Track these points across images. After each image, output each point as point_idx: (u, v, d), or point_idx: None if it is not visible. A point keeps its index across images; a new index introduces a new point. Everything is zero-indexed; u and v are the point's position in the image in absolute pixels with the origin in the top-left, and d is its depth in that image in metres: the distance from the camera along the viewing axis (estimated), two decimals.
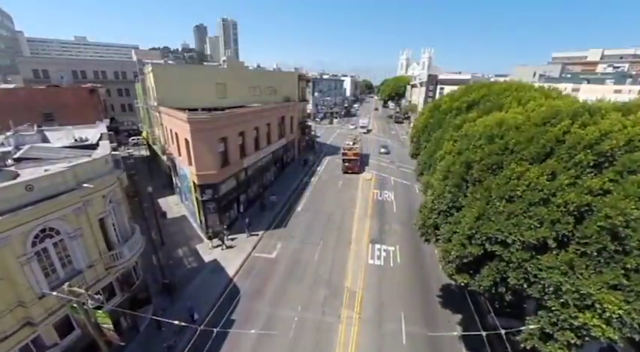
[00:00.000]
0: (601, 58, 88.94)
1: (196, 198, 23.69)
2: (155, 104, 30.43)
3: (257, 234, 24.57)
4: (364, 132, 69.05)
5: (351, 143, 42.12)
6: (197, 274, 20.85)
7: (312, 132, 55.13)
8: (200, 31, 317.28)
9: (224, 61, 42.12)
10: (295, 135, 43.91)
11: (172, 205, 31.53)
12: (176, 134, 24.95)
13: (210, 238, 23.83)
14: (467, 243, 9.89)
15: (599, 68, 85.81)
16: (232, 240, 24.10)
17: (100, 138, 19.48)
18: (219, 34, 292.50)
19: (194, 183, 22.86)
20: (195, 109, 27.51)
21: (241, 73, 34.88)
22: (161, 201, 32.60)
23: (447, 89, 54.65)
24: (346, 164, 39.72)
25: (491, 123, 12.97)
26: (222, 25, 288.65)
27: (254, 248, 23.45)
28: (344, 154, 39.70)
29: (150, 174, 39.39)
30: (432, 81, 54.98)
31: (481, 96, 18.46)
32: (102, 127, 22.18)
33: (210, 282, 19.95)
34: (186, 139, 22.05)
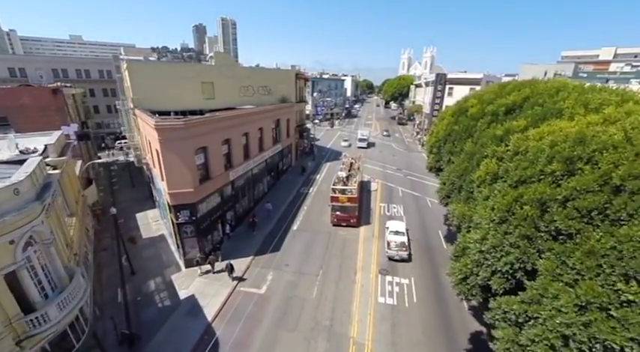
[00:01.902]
0: (614, 57, 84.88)
1: (171, 220, 19.82)
2: (131, 106, 26.52)
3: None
4: (364, 147, 51.85)
5: (343, 174, 27.39)
6: (168, 316, 16.91)
7: (311, 136, 51.30)
8: (199, 30, 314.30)
9: (211, 57, 38.18)
10: (292, 139, 40.01)
11: (151, 221, 27.64)
12: (149, 142, 21.08)
13: (197, 263, 20.06)
14: (559, 345, 6.05)
15: (612, 67, 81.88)
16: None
17: (44, 151, 15.60)
18: (218, 34, 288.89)
19: (167, 202, 18.99)
20: (180, 112, 23.76)
21: (232, 70, 30.96)
22: (139, 216, 28.74)
23: (457, 89, 50.77)
24: (337, 213, 24.70)
25: (560, 139, 9.07)
26: (221, 24, 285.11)
27: (239, 280, 19.54)
28: (333, 199, 24.42)
29: (131, 183, 35.58)
30: (441, 80, 51.00)
31: (523, 99, 14.55)
32: (55, 136, 18.23)
33: (184, 329, 16.03)
34: (156, 150, 18.18)
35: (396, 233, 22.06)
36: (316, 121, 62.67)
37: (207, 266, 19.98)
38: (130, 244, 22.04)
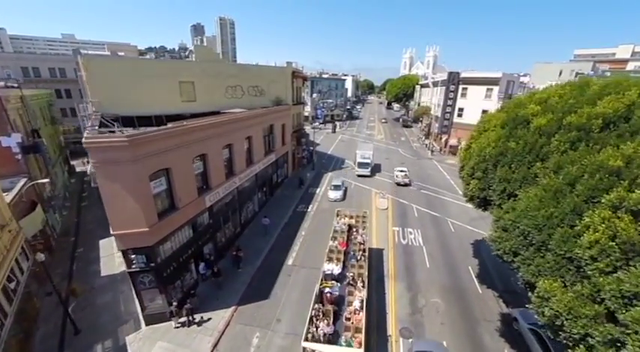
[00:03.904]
0: (632, 55, 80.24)
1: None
2: (92, 110, 21.61)
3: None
4: (367, 175, 37.13)
5: (335, 270, 15.79)
6: None
7: (311, 140, 46.35)
8: (197, 30, 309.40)
9: (191, 51, 33.28)
10: (288, 147, 35.11)
11: (115, 252, 22.60)
12: None
13: (171, 314, 15.33)
14: None
15: (630, 66, 77.22)
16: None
17: None
18: (216, 34, 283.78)
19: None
20: (153, 118, 18.98)
21: (216, 67, 26.19)
22: (104, 243, 23.90)
23: (472, 90, 45.93)
24: None
25: None
26: (219, 23, 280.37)
27: (215, 346, 14.64)
28: None
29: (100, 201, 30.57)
30: (453, 80, 46.13)
31: (627, 106, 9.69)
32: None
33: None
34: None
35: (401, 171, 35.98)
36: (316, 124, 57.77)
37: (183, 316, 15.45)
38: (73, 297, 17.13)
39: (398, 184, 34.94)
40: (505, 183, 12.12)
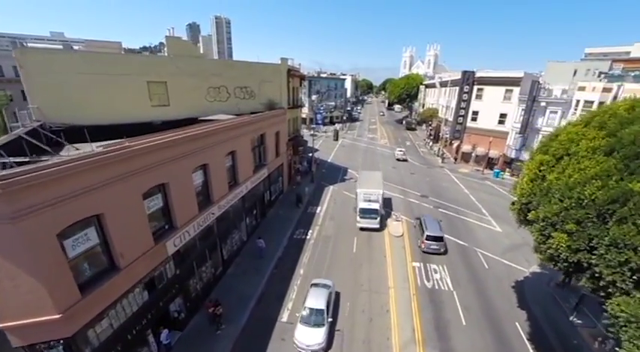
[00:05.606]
0: None
1: None
2: (33, 118, 16.83)
3: None
4: (374, 228, 23.64)
5: None
6: None
7: (309, 146, 41.59)
8: (193, 29, 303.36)
9: (162, 43, 28.48)
10: (284, 158, 30.36)
11: None
12: None
13: None
14: None
15: None
16: None
17: None
18: (212, 33, 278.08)
19: None
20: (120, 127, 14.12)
21: (194, 64, 21.57)
22: None
23: (488, 90, 41.46)
24: None
25: None
26: (214, 23, 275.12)
27: None
28: None
29: None
30: (468, 80, 41.56)
31: None
32: None
33: None
34: None
35: (400, 151, 45.45)
36: (316, 127, 52.95)
37: None
38: None
39: (398, 160, 43.51)
40: (628, 252, 7.46)
